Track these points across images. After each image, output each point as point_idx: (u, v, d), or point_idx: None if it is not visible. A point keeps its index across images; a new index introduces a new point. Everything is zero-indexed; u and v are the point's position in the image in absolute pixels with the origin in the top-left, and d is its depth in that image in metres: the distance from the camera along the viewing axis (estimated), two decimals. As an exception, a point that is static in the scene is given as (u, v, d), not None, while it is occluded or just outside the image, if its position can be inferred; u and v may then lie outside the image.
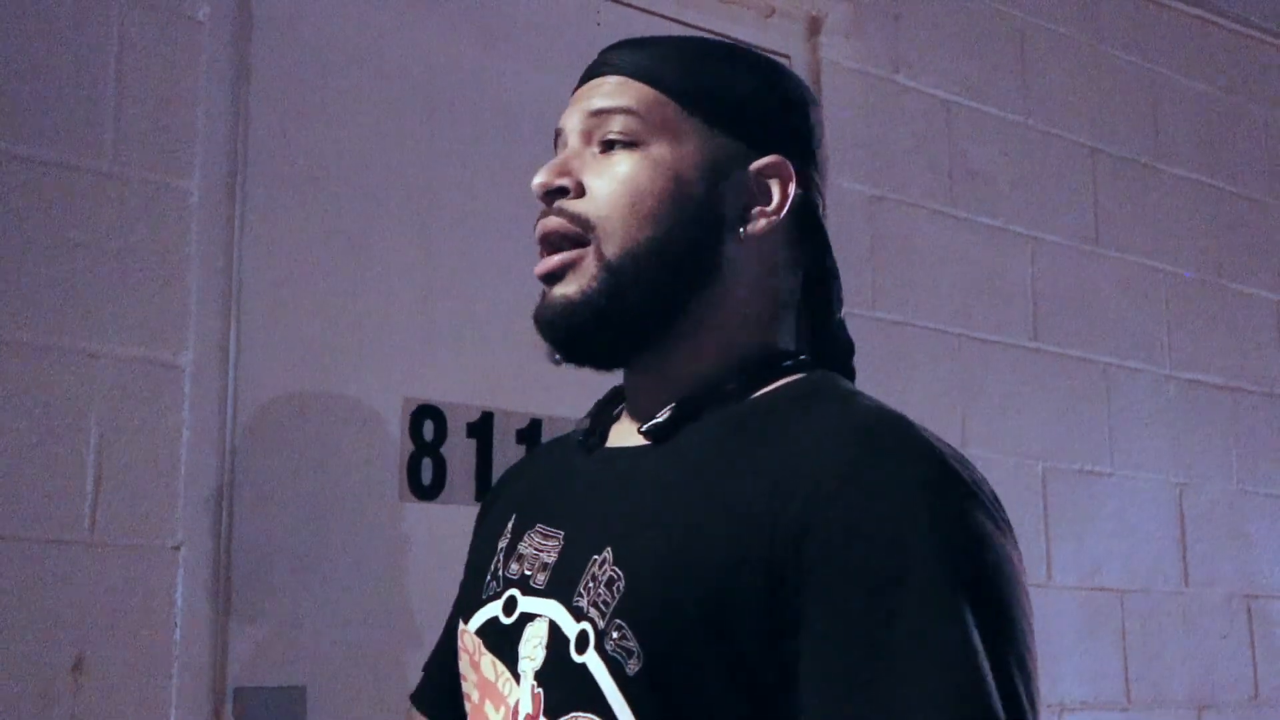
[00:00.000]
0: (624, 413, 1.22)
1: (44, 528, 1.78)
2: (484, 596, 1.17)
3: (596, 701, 0.98)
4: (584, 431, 1.23)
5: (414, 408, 2.13)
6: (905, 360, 2.73)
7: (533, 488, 1.27)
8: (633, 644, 0.97)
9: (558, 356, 1.15)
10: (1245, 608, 3.26)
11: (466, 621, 1.18)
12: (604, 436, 1.21)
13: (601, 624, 1.00)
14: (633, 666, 0.97)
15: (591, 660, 0.99)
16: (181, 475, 1.89)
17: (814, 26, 2.76)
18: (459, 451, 2.16)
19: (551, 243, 1.13)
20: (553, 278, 1.12)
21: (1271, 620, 3.31)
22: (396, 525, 2.09)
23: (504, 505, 1.26)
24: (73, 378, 1.82)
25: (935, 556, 0.92)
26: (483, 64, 2.29)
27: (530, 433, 2.22)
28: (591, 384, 1.23)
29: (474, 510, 1.36)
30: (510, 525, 1.20)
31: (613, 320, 1.10)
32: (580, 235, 1.11)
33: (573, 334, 1.12)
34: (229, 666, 1.89)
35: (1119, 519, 3.06)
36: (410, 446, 2.12)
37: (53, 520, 1.78)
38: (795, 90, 1.20)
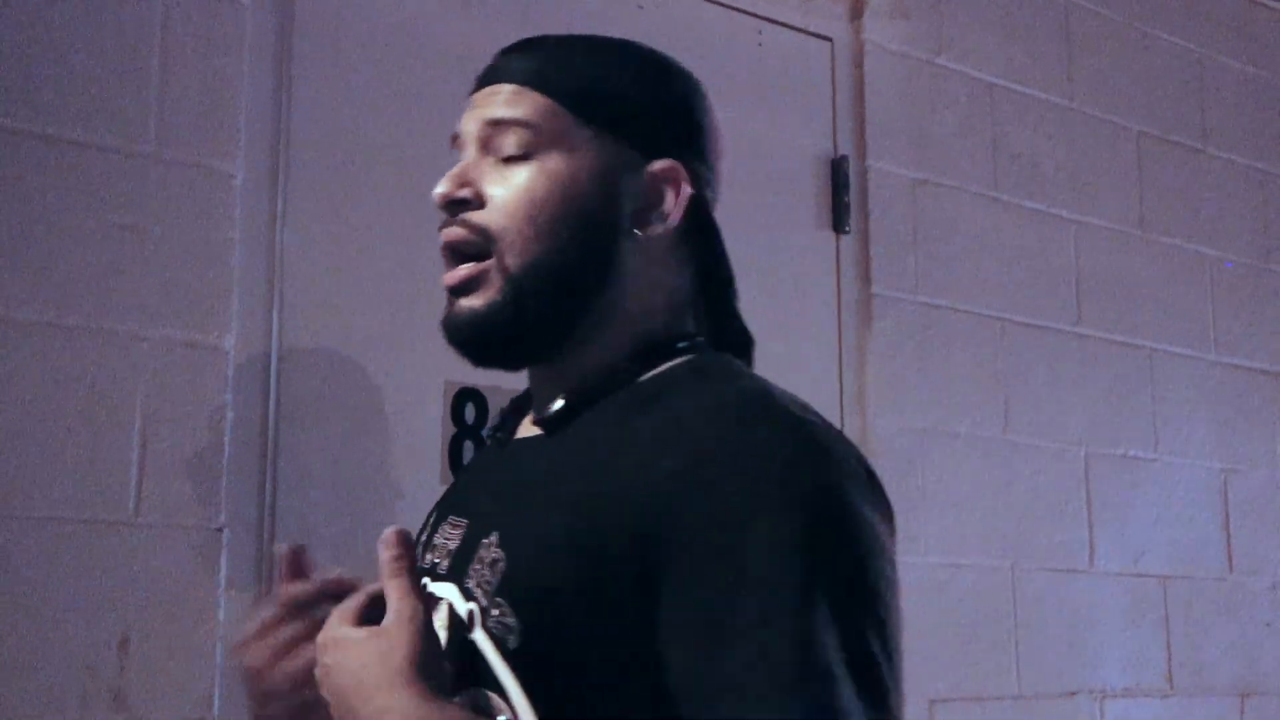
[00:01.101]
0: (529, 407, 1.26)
1: (89, 509, 1.79)
2: None
3: (487, 676, 1.03)
4: (494, 428, 1.29)
5: (455, 390, 2.13)
6: (947, 345, 2.72)
7: (455, 486, 1.36)
8: (511, 620, 1.02)
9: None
10: (1290, 595, 3.24)
11: None
12: (514, 432, 1.26)
13: (485, 603, 1.05)
14: (512, 642, 1.02)
15: (479, 637, 1.05)
16: (225, 458, 1.90)
17: (857, 9, 2.74)
18: (500, 435, 2.17)
19: (457, 253, 1.19)
20: (459, 290, 1.18)
21: (1317, 608, 3.28)
22: (438, 508, 2.09)
23: (434, 508, 1.32)
24: (117, 361, 1.84)
25: (786, 524, 0.95)
26: (524, 47, 2.28)
27: (571, 416, 2.22)
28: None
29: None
30: (431, 520, 1.27)
31: (517, 330, 1.16)
32: (483, 247, 1.16)
33: (481, 344, 1.18)
34: (272, 647, 1.91)
35: (1162, 505, 3.04)
36: (452, 429, 2.13)
37: (98, 502, 1.80)
38: (685, 88, 1.25)
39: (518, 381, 1.28)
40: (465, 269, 1.17)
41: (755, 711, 0.89)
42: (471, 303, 1.17)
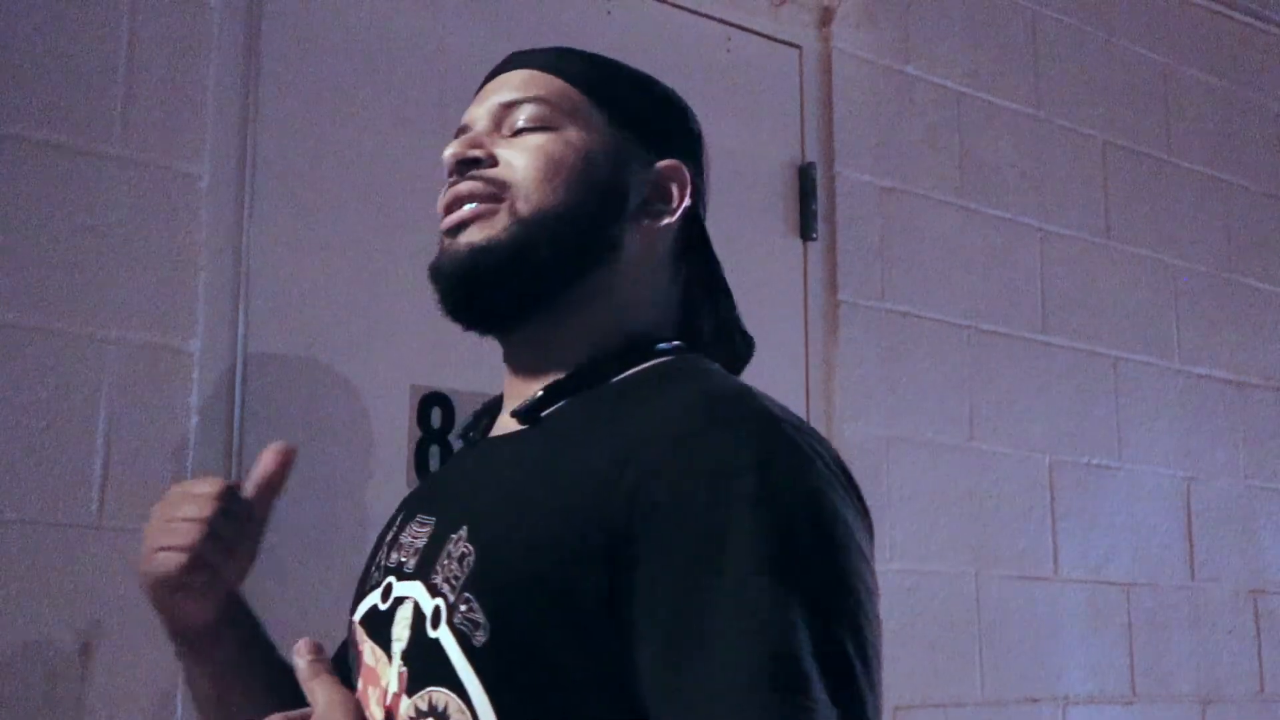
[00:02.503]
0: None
1: (52, 512, 1.78)
2: (367, 587, 1.20)
3: (448, 675, 1.00)
4: (466, 428, 1.28)
5: (422, 395, 2.13)
6: (913, 352, 2.73)
7: (423, 484, 1.35)
8: (479, 616, 0.99)
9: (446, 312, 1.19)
10: (1252, 603, 3.26)
11: (353, 613, 1.22)
12: (486, 432, 1.25)
13: (452, 598, 1.02)
14: (479, 638, 0.99)
15: (443, 634, 1.01)
16: (189, 461, 1.89)
17: (825, 17, 2.75)
18: (466, 439, 2.16)
19: (461, 200, 1.16)
20: (458, 229, 1.16)
21: (1278, 615, 3.30)
22: (403, 512, 2.09)
23: (400, 507, 1.29)
24: (81, 363, 1.83)
25: (758, 524, 0.93)
26: (494, 51, 2.27)
27: (538, 421, 2.22)
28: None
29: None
30: (398, 520, 1.24)
31: (514, 272, 1.13)
32: (494, 194, 1.14)
33: (470, 282, 1.15)
34: (235, 652, 1.90)
35: (1126, 513, 3.05)
36: (418, 434, 2.12)
37: (61, 504, 1.79)
38: (682, 106, 1.26)
39: (485, 385, 1.28)
40: (470, 208, 1.15)
41: (726, 718, 0.88)
42: (470, 237, 1.15)
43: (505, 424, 1.20)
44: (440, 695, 1.01)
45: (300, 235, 2.05)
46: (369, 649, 1.14)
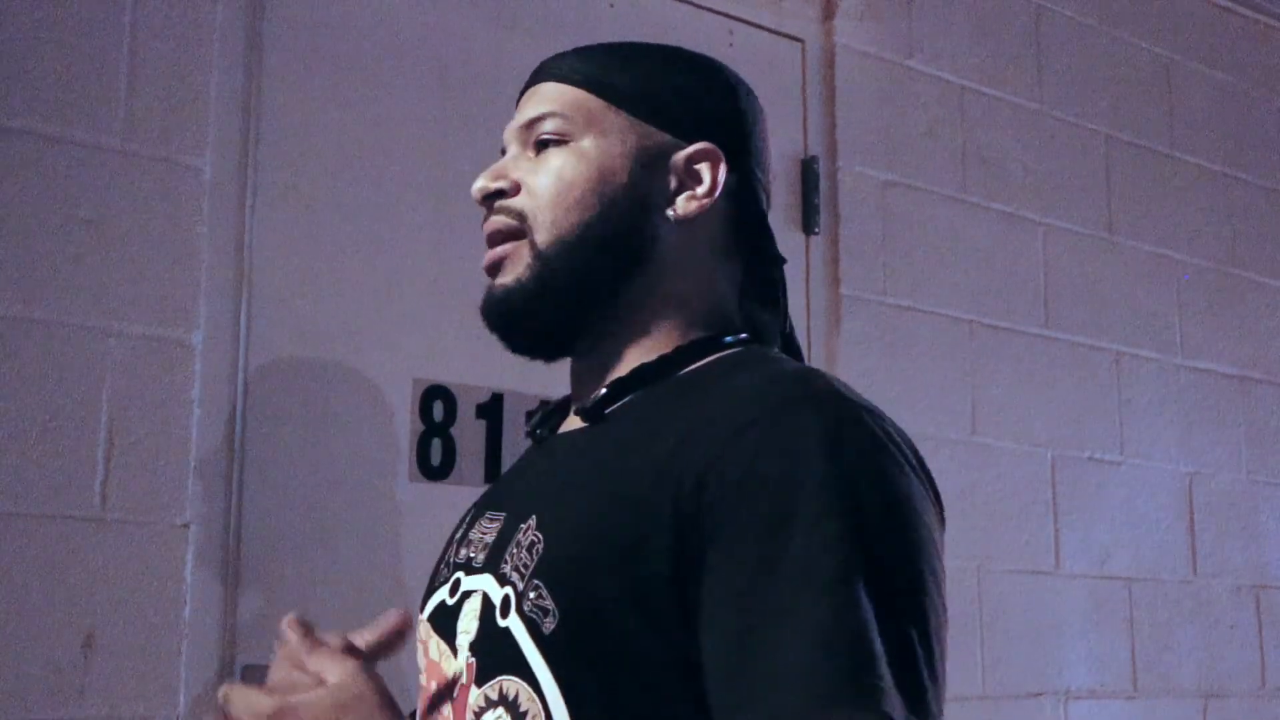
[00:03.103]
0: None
1: (55, 504, 1.78)
2: (436, 584, 1.21)
3: (518, 664, 1.00)
4: (535, 425, 1.28)
5: (424, 388, 2.13)
6: (915, 346, 2.73)
7: (495, 485, 1.35)
8: (549, 603, 0.99)
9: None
10: (1254, 598, 3.26)
11: (422, 611, 1.22)
12: (555, 430, 1.25)
13: (521, 586, 1.02)
14: (549, 625, 0.99)
15: (513, 623, 1.02)
16: (191, 453, 1.89)
17: (828, 11, 2.75)
18: (468, 432, 2.17)
19: (494, 241, 1.18)
20: (494, 271, 1.18)
21: (1279, 611, 3.31)
22: (405, 505, 2.09)
23: (470, 508, 1.30)
24: (84, 355, 1.83)
25: (828, 506, 0.93)
26: (496, 43, 2.28)
27: (540, 415, 2.22)
28: (601, 366, 1.24)
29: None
30: (468, 519, 1.25)
31: (545, 304, 1.15)
32: (517, 229, 1.16)
33: (510, 321, 1.18)
34: (237, 644, 1.90)
35: (1128, 507, 3.05)
36: (420, 427, 2.12)
37: (63, 497, 1.79)
38: (728, 82, 1.25)
39: (487, 379, 1.27)
40: (499, 249, 1.17)
41: (791, 705, 0.87)
42: (503, 279, 1.17)
43: (572, 422, 1.21)
44: (510, 684, 1.01)
45: (302, 228, 2.05)
46: (434, 644, 1.15)
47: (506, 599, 1.03)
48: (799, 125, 2.68)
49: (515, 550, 1.06)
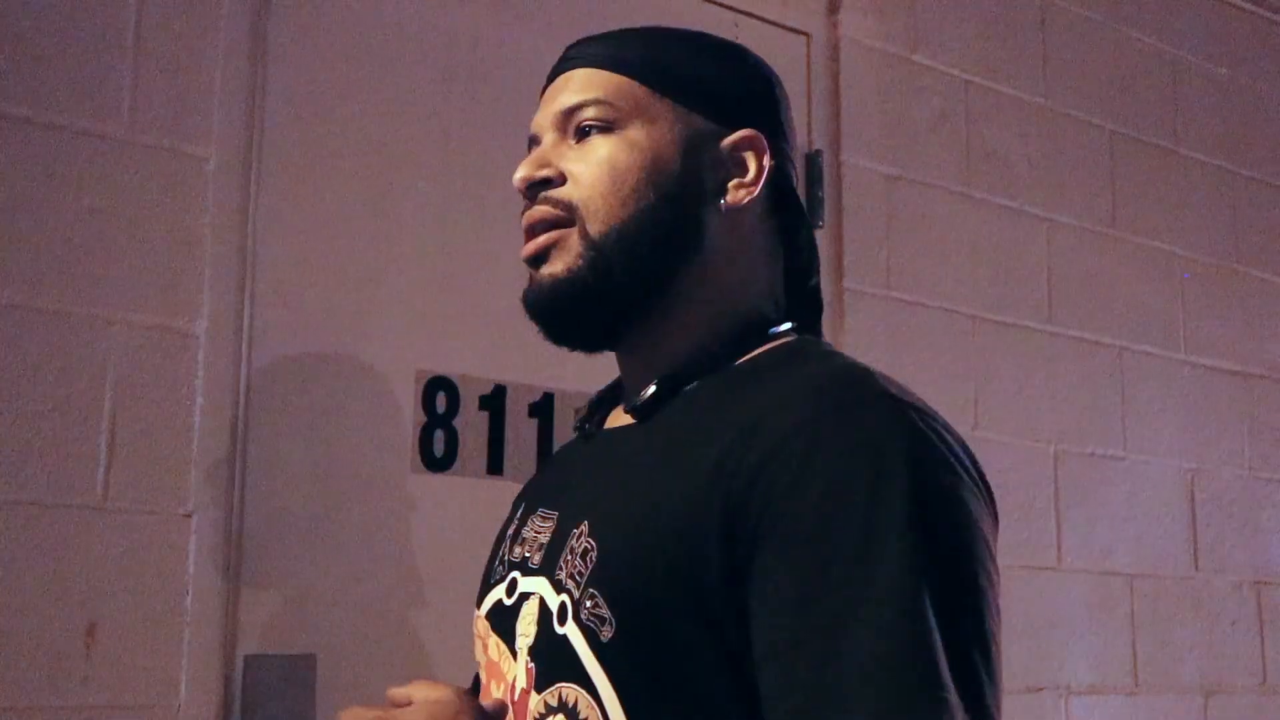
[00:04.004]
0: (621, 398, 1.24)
1: (57, 493, 1.78)
2: (492, 582, 1.20)
3: (577, 672, 1.00)
4: (581, 420, 1.26)
5: (427, 379, 2.13)
6: (918, 340, 2.73)
7: (543, 479, 1.33)
8: (605, 611, 0.99)
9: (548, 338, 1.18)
10: (1255, 594, 3.26)
11: (479, 607, 1.21)
12: (602, 423, 1.24)
13: (577, 594, 1.02)
14: (606, 634, 0.98)
15: (571, 631, 1.01)
16: (194, 443, 1.89)
17: (834, 4, 2.75)
18: (471, 424, 2.17)
19: (537, 230, 1.15)
20: (538, 260, 1.15)
21: (1281, 607, 3.31)
22: (408, 496, 2.09)
23: (520, 500, 1.29)
24: (87, 345, 1.83)
25: (883, 511, 0.92)
26: (501, 35, 2.28)
27: (543, 406, 2.22)
28: (605, 358, 1.24)
29: (485, 483, 1.39)
30: (519, 514, 1.24)
31: (599, 296, 1.13)
32: (565, 218, 1.13)
33: (560, 313, 1.14)
34: (239, 634, 1.90)
35: (1130, 503, 3.05)
36: (423, 418, 2.12)
37: (66, 486, 1.79)
38: (759, 67, 1.23)
39: (490, 370, 1.27)
40: (544, 237, 1.14)
41: (861, 705, 0.87)
42: (552, 269, 1.13)
43: (621, 418, 1.19)
44: (570, 691, 1.00)
45: (306, 218, 2.05)
46: (493, 643, 1.14)
47: (564, 606, 1.03)
48: (803, 118, 2.68)
49: (569, 557, 1.05)
